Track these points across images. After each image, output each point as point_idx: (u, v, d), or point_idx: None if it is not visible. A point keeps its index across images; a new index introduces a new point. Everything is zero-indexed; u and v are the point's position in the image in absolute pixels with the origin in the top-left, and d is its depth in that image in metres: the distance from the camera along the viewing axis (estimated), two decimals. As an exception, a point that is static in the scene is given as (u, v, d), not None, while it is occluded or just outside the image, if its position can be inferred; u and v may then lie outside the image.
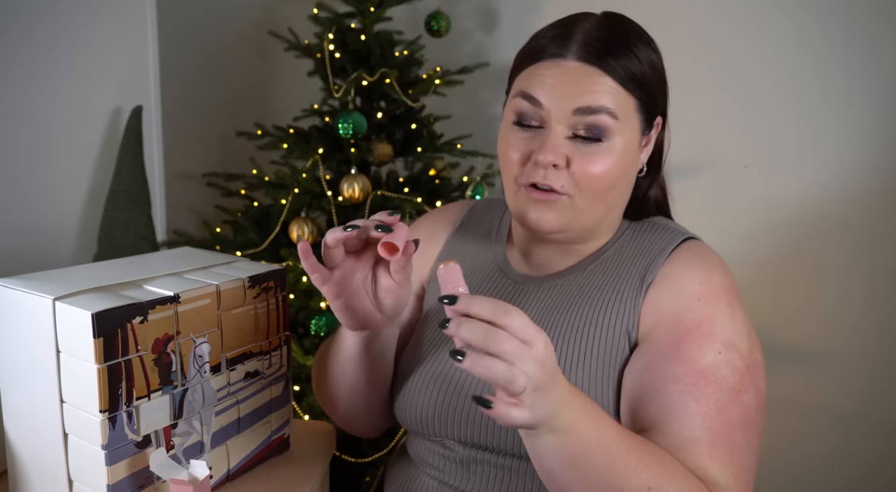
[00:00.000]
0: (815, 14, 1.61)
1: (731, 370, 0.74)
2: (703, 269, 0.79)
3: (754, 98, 1.68)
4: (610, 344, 0.79)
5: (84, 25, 1.68)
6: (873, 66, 1.58)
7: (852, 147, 1.62)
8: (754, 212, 1.71)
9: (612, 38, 0.78)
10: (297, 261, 1.57)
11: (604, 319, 0.80)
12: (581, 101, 0.76)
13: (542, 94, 0.78)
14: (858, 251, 1.64)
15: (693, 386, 0.73)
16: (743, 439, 0.72)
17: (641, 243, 0.85)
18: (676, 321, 0.76)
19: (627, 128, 0.78)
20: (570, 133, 0.78)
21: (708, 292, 0.77)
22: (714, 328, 0.75)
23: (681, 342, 0.75)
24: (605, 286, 0.82)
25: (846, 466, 1.69)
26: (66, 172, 1.71)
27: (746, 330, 0.77)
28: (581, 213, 0.80)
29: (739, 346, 0.75)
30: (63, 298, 0.68)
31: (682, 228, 0.87)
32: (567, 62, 0.77)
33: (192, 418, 0.77)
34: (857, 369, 1.66)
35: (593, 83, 0.76)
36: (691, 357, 0.74)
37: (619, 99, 0.77)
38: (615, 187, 0.80)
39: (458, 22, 1.97)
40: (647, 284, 0.80)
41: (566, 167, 0.78)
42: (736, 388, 0.73)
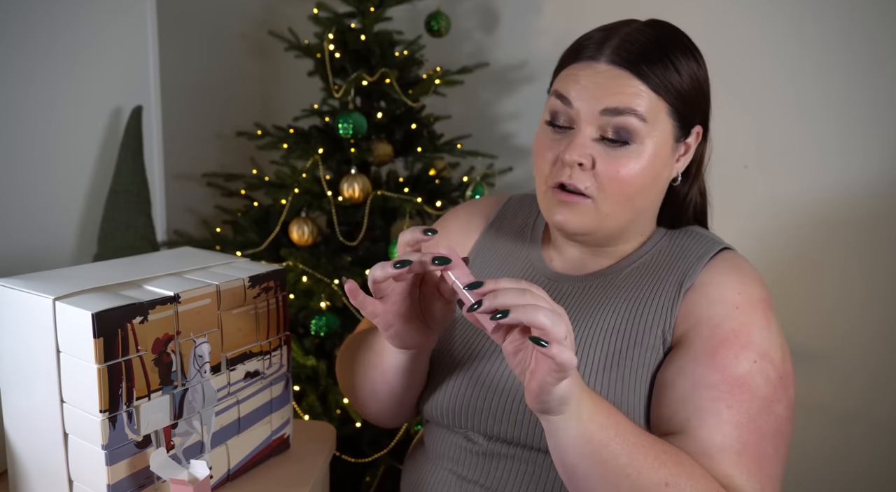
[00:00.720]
0: (814, 12, 1.61)
1: (764, 380, 0.74)
2: (740, 279, 0.80)
3: (754, 98, 1.68)
4: (645, 346, 0.79)
5: (84, 25, 1.68)
6: (873, 65, 1.58)
7: (853, 147, 1.62)
8: (754, 212, 1.71)
9: (648, 43, 0.78)
10: (297, 261, 1.57)
11: (641, 321, 0.80)
12: (609, 102, 0.77)
13: (573, 93, 0.79)
14: (859, 251, 1.64)
15: (727, 393, 0.73)
16: (772, 448, 0.73)
17: (679, 249, 0.85)
18: (714, 328, 0.76)
19: (657, 131, 0.78)
20: (597, 135, 0.78)
21: (746, 302, 0.78)
22: (751, 338, 0.76)
23: (717, 349, 0.75)
24: (642, 289, 0.82)
25: (846, 466, 1.69)
26: (66, 172, 1.71)
27: (780, 341, 0.78)
28: (606, 217, 0.80)
29: (774, 356, 0.76)
30: (63, 298, 0.68)
31: (719, 238, 0.88)
32: (599, 64, 0.78)
33: (193, 418, 0.77)
34: (858, 368, 1.66)
35: (622, 85, 0.77)
36: (727, 365, 0.74)
37: (649, 102, 0.77)
38: (643, 192, 0.80)
39: (458, 22, 1.97)
40: (686, 289, 0.80)
41: (592, 168, 0.78)
42: (769, 398, 0.74)
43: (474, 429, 0.83)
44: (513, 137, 1.98)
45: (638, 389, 0.77)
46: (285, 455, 0.92)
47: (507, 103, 1.98)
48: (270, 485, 0.85)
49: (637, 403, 0.77)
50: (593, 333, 0.81)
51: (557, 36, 1.89)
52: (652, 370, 0.78)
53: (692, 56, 0.81)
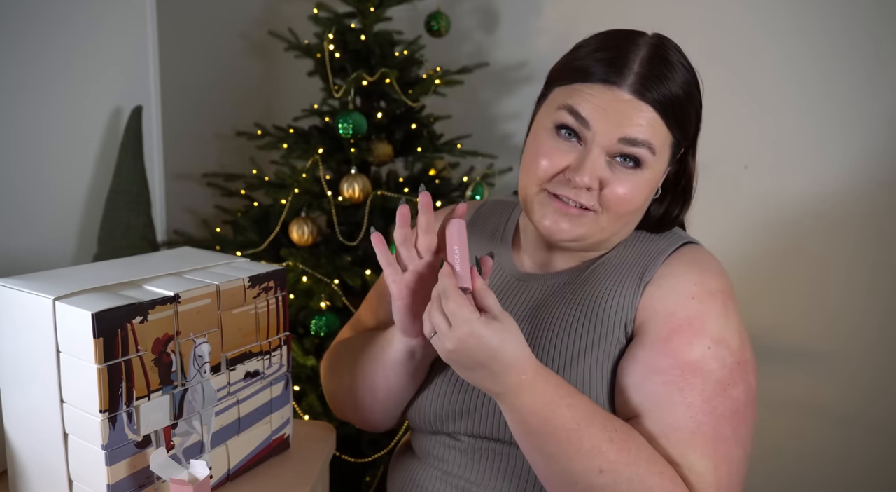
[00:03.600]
0: (816, 11, 1.61)
1: (719, 364, 0.75)
2: (698, 270, 0.82)
3: (754, 97, 1.68)
4: (608, 339, 0.81)
5: (84, 25, 1.68)
6: (875, 64, 1.58)
7: (854, 147, 1.62)
8: (755, 212, 1.71)
9: (668, 77, 0.79)
10: (297, 261, 1.57)
11: (603, 315, 0.82)
12: (629, 132, 0.78)
13: (593, 116, 0.79)
14: (861, 252, 1.64)
15: (679, 378, 0.75)
16: (729, 430, 0.74)
17: (643, 246, 0.87)
18: (669, 317, 0.78)
19: (659, 162, 0.82)
20: (608, 157, 0.80)
21: (702, 292, 0.79)
22: (706, 325, 0.77)
23: (671, 336, 0.77)
24: (605, 284, 0.84)
25: (849, 466, 1.69)
26: (66, 172, 1.71)
27: (738, 328, 0.79)
28: (603, 229, 0.83)
29: (730, 342, 0.77)
30: (63, 298, 0.68)
31: (685, 234, 0.90)
32: (622, 93, 0.78)
33: (192, 418, 0.77)
34: (860, 370, 1.66)
35: (644, 118, 0.78)
36: (680, 351, 0.76)
37: (661, 136, 0.80)
38: (639, 210, 0.84)
39: (458, 22, 1.97)
40: (645, 282, 0.82)
41: (598, 189, 0.81)
42: (724, 381, 0.75)
43: (458, 431, 0.87)
44: (513, 137, 1.98)
45: (603, 380, 0.80)
46: (285, 455, 0.92)
47: (506, 103, 1.98)
48: (270, 485, 0.85)
49: (602, 394, 0.79)
50: (559, 328, 0.83)
51: (557, 36, 1.88)
52: (614, 362, 0.80)
53: (695, 80, 0.83)
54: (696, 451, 0.73)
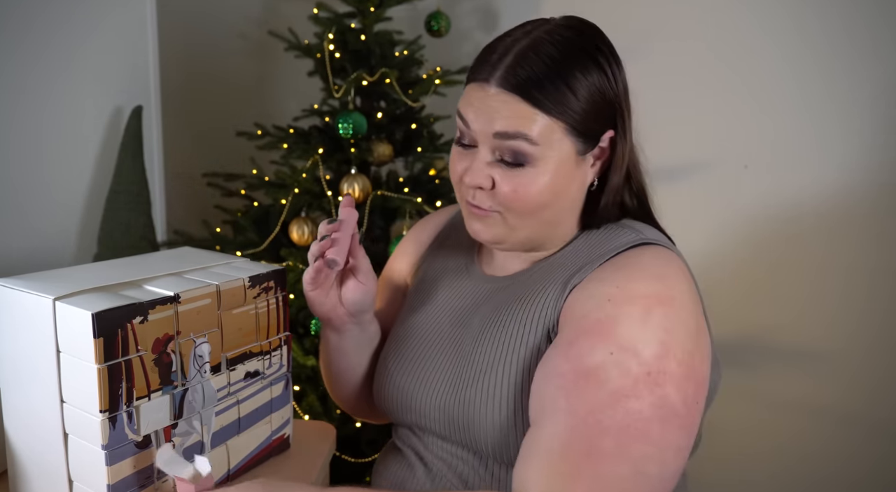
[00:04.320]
0: (815, 10, 1.61)
1: (620, 373, 0.69)
2: (626, 274, 0.76)
3: (754, 97, 1.68)
4: (530, 344, 0.79)
5: (83, 25, 1.68)
6: (875, 63, 1.58)
7: (854, 146, 1.62)
8: (755, 213, 1.71)
9: (541, 64, 0.76)
10: (297, 261, 1.57)
11: (527, 319, 0.80)
12: (499, 126, 0.77)
13: (470, 116, 0.80)
14: (861, 252, 1.64)
15: (571, 383, 0.70)
16: (613, 446, 0.66)
17: (591, 248, 0.83)
18: (580, 320, 0.74)
19: (554, 151, 0.78)
20: (495, 157, 0.79)
21: (621, 296, 0.73)
22: (614, 329, 0.71)
23: (576, 340, 0.72)
24: (534, 287, 0.83)
25: (850, 467, 1.69)
26: (66, 172, 1.71)
27: (661, 337, 0.71)
28: (514, 229, 0.82)
29: (642, 350, 0.70)
30: (63, 298, 0.68)
31: (647, 233, 0.83)
32: (490, 88, 0.78)
33: (193, 418, 0.77)
34: (861, 370, 1.66)
35: (510, 110, 0.76)
36: (580, 355, 0.71)
37: (541, 126, 0.76)
38: (547, 207, 0.80)
39: (458, 22, 1.97)
40: (571, 286, 0.78)
41: (493, 188, 0.80)
42: (622, 392, 0.68)
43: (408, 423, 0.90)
44: (513, 137, 1.97)
45: (515, 389, 0.78)
46: (285, 455, 0.92)
47: (507, 103, 1.98)
48: (270, 485, 0.85)
49: (514, 404, 0.77)
50: (489, 331, 0.83)
51: (557, 36, 1.88)
52: (527, 365, 0.78)
53: (594, 66, 0.78)
54: (555, 464, 0.67)
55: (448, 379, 0.84)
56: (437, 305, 0.93)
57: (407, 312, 0.97)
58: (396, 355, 0.92)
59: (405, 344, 0.92)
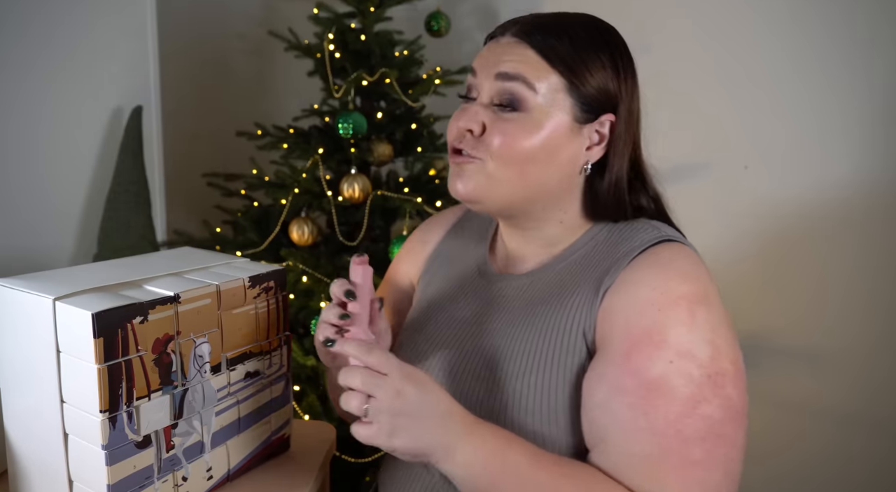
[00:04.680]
0: (816, 9, 1.61)
1: (685, 381, 0.69)
2: (661, 274, 0.75)
3: (755, 97, 1.68)
4: (566, 348, 0.77)
5: (84, 25, 1.68)
6: (875, 63, 1.58)
7: (855, 146, 1.62)
8: (755, 213, 1.71)
9: (552, 20, 0.81)
10: (297, 261, 1.57)
11: (561, 322, 0.78)
12: (502, 67, 0.79)
13: (478, 64, 0.83)
14: (862, 252, 1.64)
15: (642, 400, 0.70)
16: (701, 453, 0.68)
17: (612, 245, 0.82)
18: (629, 329, 0.73)
19: (551, 106, 0.78)
20: (492, 101, 0.80)
21: (662, 299, 0.73)
22: (665, 336, 0.71)
23: (630, 351, 0.72)
24: (566, 288, 0.81)
25: (850, 467, 1.69)
26: (66, 172, 1.71)
27: (710, 337, 0.72)
28: (495, 181, 0.79)
29: (697, 354, 0.70)
30: (63, 298, 0.68)
31: (668, 230, 0.82)
32: (504, 38, 0.82)
33: (193, 418, 0.77)
34: (862, 371, 1.66)
35: (516, 54, 0.79)
36: (641, 368, 0.70)
37: (540, 72, 0.78)
38: (534, 163, 0.79)
39: (458, 22, 1.97)
40: (605, 288, 0.77)
41: (482, 134, 0.80)
42: (692, 399, 0.69)
43: None
44: (513, 137, 1.97)
45: (562, 392, 0.76)
46: (285, 455, 0.92)
47: (507, 103, 1.98)
48: (270, 485, 0.85)
49: (563, 406, 0.76)
50: (517, 334, 0.81)
51: (557, 36, 1.88)
52: (575, 373, 0.76)
53: (603, 44, 0.80)
54: (663, 480, 0.68)
55: (475, 385, 0.81)
56: (453, 308, 0.90)
57: (419, 314, 0.94)
58: (408, 356, 0.88)
59: (422, 350, 0.88)
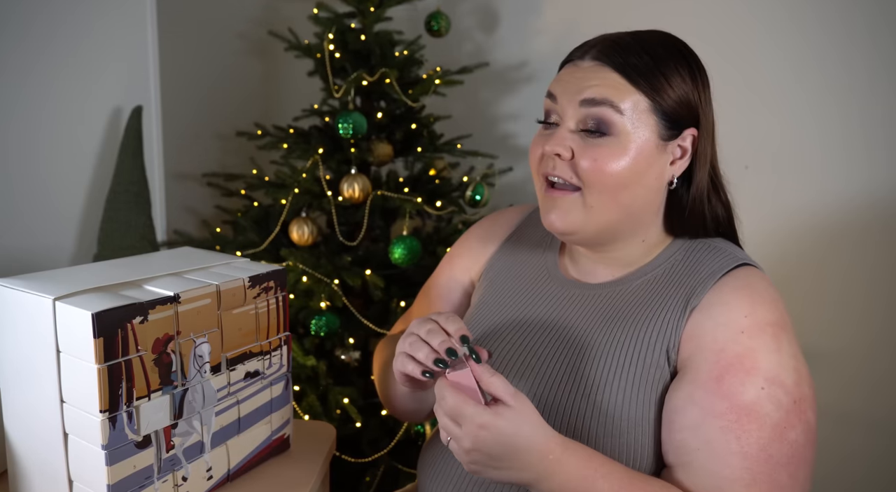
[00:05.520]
0: (815, 9, 1.61)
1: (775, 407, 0.72)
2: (749, 300, 0.77)
3: (754, 97, 1.68)
4: (649, 362, 0.78)
5: (84, 25, 1.68)
6: (876, 62, 1.58)
7: (855, 146, 1.62)
8: (755, 213, 1.71)
9: (629, 39, 0.81)
10: (297, 261, 1.57)
11: (645, 337, 0.79)
12: (586, 93, 0.79)
13: (558, 89, 0.82)
14: (861, 252, 1.64)
15: (735, 423, 0.72)
16: (786, 477, 0.71)
17: (693, 265, 0.83)
18: (719, 354, 0.75)
19: (638, 127, 0.78)
20: (578, 127, 0.80)
21: (752, 326, 0.75)
22: (756, 362, 0.73)
23: (723, 376, 0.73)
24: (649, 303, 0.81)
25: (847, 466, 1.69)
26: (66, 172, 1.71)
27: (794, 364, 0.75)
28: (592, 211, 0.80)
29: (785, 380, 0.73)
30: (63, 298, 0.68)
31: (741, 253, 0.85)
32: (583, 62, 0.81)
33: (193, 418, 0.77)
34: (860, 370, 1.66)
35: (600, 78, 0.79)
36: (734, 392, 0.73)
37: (627, 95, 0.78)
38: (626, 187, 0.79)
39: (458, 22, 1.97)
40: (692, 307, 0.78)
41: (572, 159, 0.80)
42: (781, 424, 0.72)
43: None
44: (513, 137, 1.98)
45: (642, 405, 0.77)
46: (285, 455, 0.92)
47: (506, 103, 1.98)
48: (270, 485, 0.85)
49: (642, 419, 0.76)
50: (598, 343, 0.81)
51: (557, 36, 1.88)
52: (658, 389, 0.77)
53: (687, 67, 0.81)
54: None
55: (553, 389, 0.81)
56: (521, 308, 0.90)
57: (483, 312, 0.93)
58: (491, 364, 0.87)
59: (499, 352, 0.87)
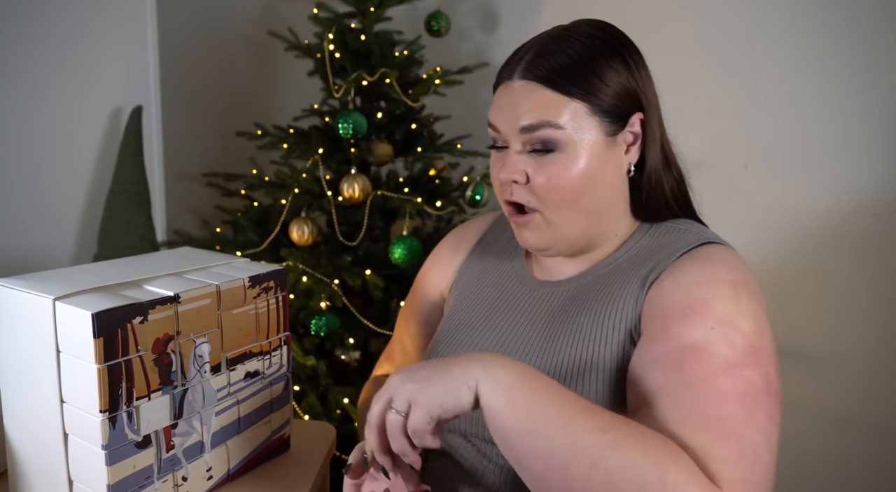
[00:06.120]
0: (816, 8, 1.61)
1: (727, 345, 0.67)
2: (705, 265, 0.75)
3: (755, 97, 1.68)
4: (614, 346, 0.77)
5: (84, 25, 1.68)
6: (877, 62, 1.58)
7: (855, 145, 1.62)
8: (755, 213, 1.71)
9: (551, 44, 0.80)
10: (297, 261, 1.57)
11: (608, 321, 0.78)
12: (523, 121, 0.79)
13: (497, 119, 0.82)
14: (862, 254, 1.64)
15: (677, 361, 0.67)
16: (741, 410, 0.64)
17: (656, 247, 0.82)
18: (667, 308, 0.72)
19: (582, 133, 0.78)
20: (525, 149, 0.80)
21: (707, 280, 0.72)
22: (709, 307, 0.69)
23: (668, 323, 0.70)
24: (612, 289, 0.80)
25: (848, 469, 1.69)
26: (66, 172, 1.71)
27: (754, 315, 0.70)
28: (557, 226, 0.81)
29: (742, 325, 0.68)
30: (63, 298, 0.68)
31: (709, 233, 0.83)
32: (513, 82, 0.81)
33: (193, 418, 0.77)
34: (861, 372, 1.66)
35: (532, 99, 0.78)
36: (677, 335, 0.69)
37: (564, 109, 0.78)
38: (585, 194, 0.80)
39: (458, 22, 1.97)
40: (650, 282, 0.77)
41: (528, 182, 0.80)
42: (734, 362, 0.66)
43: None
44: (513, 137, 1.98)
45: (613, 390, 0.75)
46: (285, 455, 0.92)
47: (507, 103, 1.98)
48: (270, 485, 0.85)
49: (615, 404, 0.74)
50: (564, 336, 0.80)
51: (557, 36, 1.88)
52: (620, 371, 0.75)
53: (617, 57, 0.80)
54: (694, 429, 0.63)
55: None
56: (493, 313, 0.89)
57: (455, 321, 0.93)
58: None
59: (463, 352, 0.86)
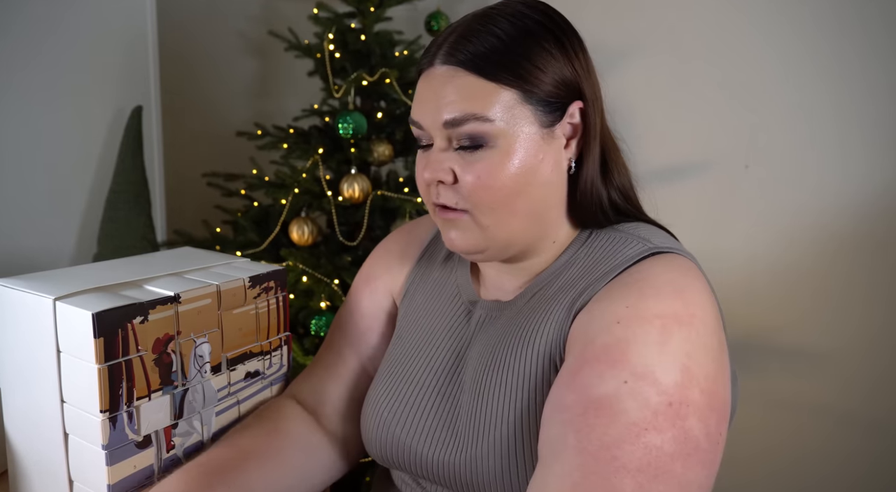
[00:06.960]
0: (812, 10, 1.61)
1: (637, 404, 0.59)
2: (638, 291, 0.65)
3: (754, 96, 1.68)
4: (538, 382, 0.69)
5: (84, 25, 1.68)
6: (874, 62, 1.58)
7: (855, 145, 1.62)
8: (755, 213, 1.71)
9: (477, 25, 0.70)
10: (297, 261, 1.57)
11: (530, 354, 0.70)
12: (446, 114, 0.69)
13: (418, 114, 0.72)
14: (862, 252, 1.64)
15: (579, 417, 0.60)
16: (632, 486, 0.56)
17: (591, 263, 0.73)
18: (585, 346, 0.64)
19: (514, 124, 0.69)
20: (451, 145, 0.71)
21: (631, 316, 0.63)
22: (626, 355, 0.61)
23: (581, 368, 0.62)
24: (538, 314, 0.72)
25: (847, 465, 1.69)
26: (66, 172, 1.71)
27: (682, 361, 0.61)
28: (489, 229, 0.71)
29: (661, 378, 0.60)
30: (63, 298, 0.68)
31: (657, 238, 0.73)
32: (434, 69, 0.71)
33: (193, 418, 0.77)
34: (860, 369, 1.66)
35: (456, 88, 0.69)
36: (587, 385, 0.61)
37: (492, 97, 0.68)
38: (519, 193, 0.70)
39: (458, 22, 1.97)
40: (577, 310, 0.68)
41: (455, 182, 0.71)
42: (640, 425, 0.58)
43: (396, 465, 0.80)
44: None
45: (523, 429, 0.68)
46: (285, 455, 0.91)
47: (507, 103, 1.98)
48: (271, 485, 0.85)
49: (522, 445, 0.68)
50: (492, 370, 0.73)
51: (557, 36, 1.88)
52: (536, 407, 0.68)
53: (544, 31, 0.71)
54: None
55: (452, 434, 0.74)
56: (431, 341, 0.82)
57: (398, 347, 0.85)
58: (390, 401, 0.80)
59: (400, 389, 0.80)
